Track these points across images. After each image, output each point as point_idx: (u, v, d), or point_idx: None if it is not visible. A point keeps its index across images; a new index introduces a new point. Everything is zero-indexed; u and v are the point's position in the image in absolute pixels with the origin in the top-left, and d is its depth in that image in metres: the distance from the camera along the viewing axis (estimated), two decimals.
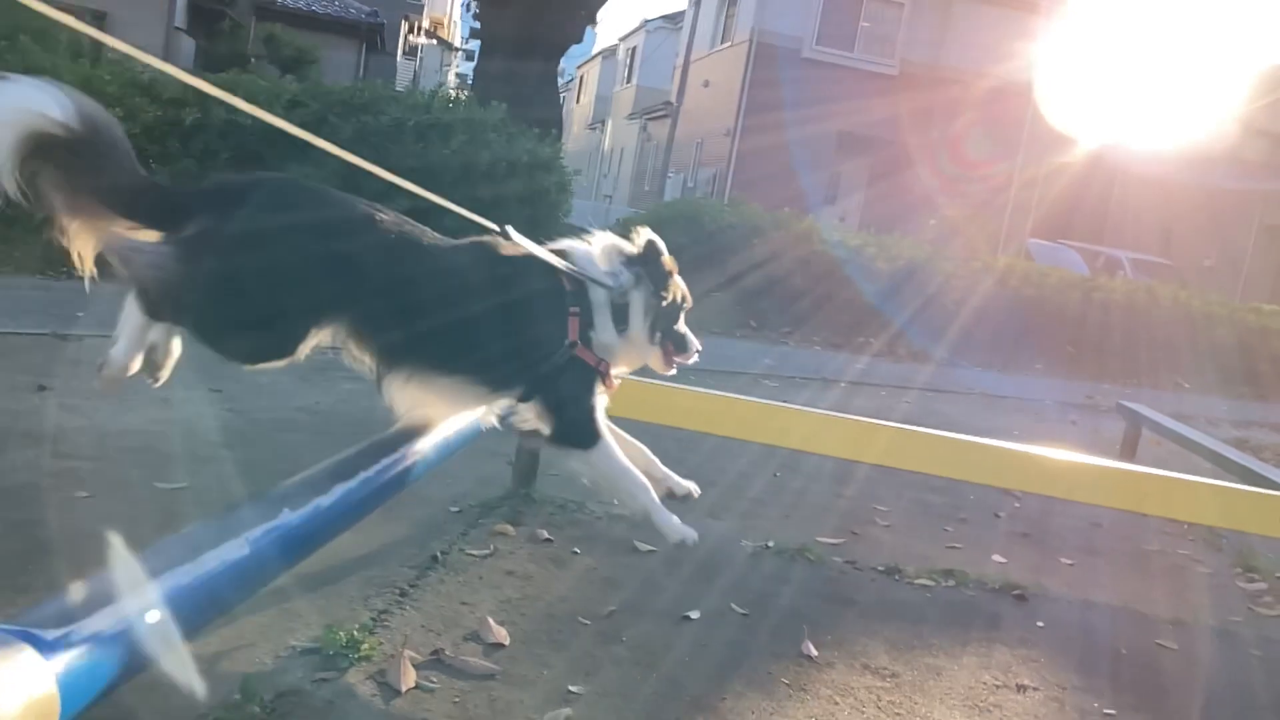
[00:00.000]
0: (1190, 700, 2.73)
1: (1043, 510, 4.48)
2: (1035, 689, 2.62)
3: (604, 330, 2.19)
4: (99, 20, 17.59)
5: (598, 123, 37.94)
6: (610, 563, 3.04)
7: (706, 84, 25.66)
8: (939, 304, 10.72)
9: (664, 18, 31.93)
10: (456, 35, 46.88)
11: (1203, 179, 24.40)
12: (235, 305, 1.91)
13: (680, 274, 2.33)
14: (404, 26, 31.83)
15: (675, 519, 2.21)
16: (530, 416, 2.20)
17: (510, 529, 3.13)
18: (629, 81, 33.84)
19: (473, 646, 2.34)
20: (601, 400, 2.22)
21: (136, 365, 1.94)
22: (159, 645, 1.22)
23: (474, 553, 2.91)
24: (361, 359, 2.04)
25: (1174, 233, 25.96)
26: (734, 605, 2.84)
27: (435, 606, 2.51)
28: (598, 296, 2.19)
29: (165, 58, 18.25)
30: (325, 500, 1.77)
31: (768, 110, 22.45)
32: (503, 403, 2.21)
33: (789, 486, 4.35)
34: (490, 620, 2.44)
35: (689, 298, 2.36)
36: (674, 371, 2.36)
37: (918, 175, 22.52)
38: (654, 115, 29.47)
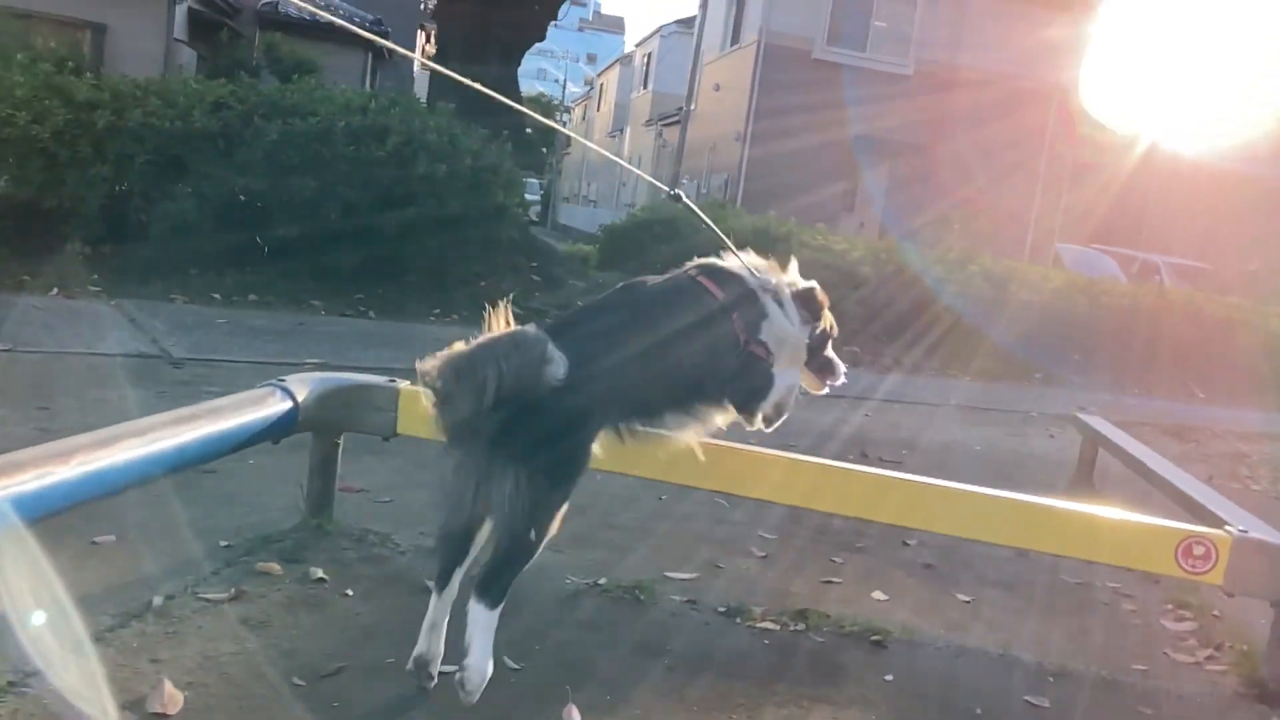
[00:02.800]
0: None
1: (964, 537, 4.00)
2: None
3: (768, 330, 2.52)
4: (100, 33, 17.66)
5: (617, 130, 37.66)
6: (384, 608, 2.64)
7: (717, 88, 25.25)
8: (929, 310, 10.21)
9: (679, 22, 31.58)
10: None
11: (1246, 180, 23.49)
12: None
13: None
14: (420, 36, 31.77)
15: None
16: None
17: (277, 567, 2.73)
18: (645, 88, 33.51)
19: (127, 717, 1.95)
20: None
21: None
22: None
23: (210, 597, 2.52)
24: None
25: (1216, 236, 24.99)
26: (508, 659, 2.42)
27: (110, 667, 2.12)
28: (769, 303, 2.55)
29: (165, 69, 18.25)
30: None
31: (778, 114, 21.96)
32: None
33: (672, 512, 3.93)
34: (168, 683, 2.05)
35: (836, 329, 2.74)
36: (825, 391, 2.78)
37: (938, 179, 21.87)
38: (669, 121, 29.10)
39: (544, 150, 55.90)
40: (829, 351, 2.71)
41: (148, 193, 6.93)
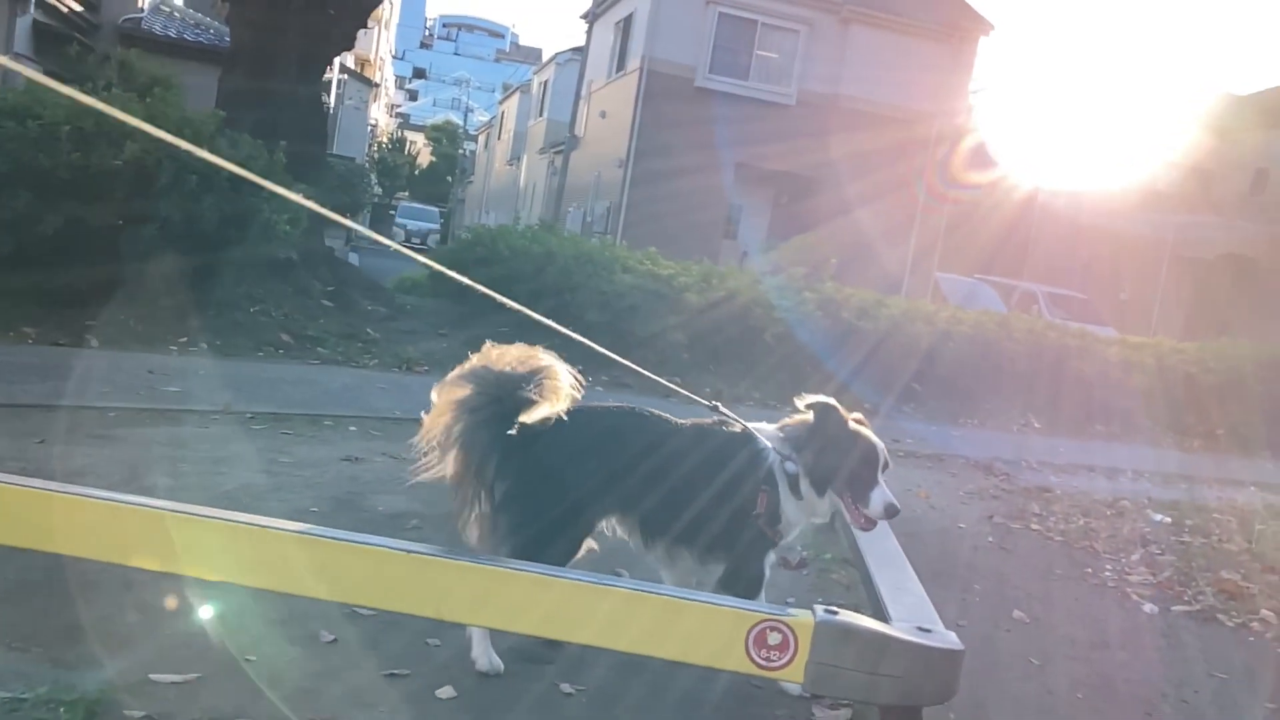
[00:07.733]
0: None
1: None
2: None
3: (786, 501, 2.76)
4: None
5: (515, 158, 37.13)
6: None
7: (603, 115, 24.86)
8: (760, 339, 9.71)
9: (573, 50, 31.22)
10: (381, 73, 46.18)
11: (1118, 212, 23.95)
12: None
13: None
14: None
15: None
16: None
17: None
18: (541, 115, 33.05)
19: None
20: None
21: None
22: None
23: None
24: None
25: (1091, 267, 25.48)
26: None
27: None
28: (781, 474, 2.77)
29: (2, 83, 17.05)
30: None
31: (660, 141, 21.61)
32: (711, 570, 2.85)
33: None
34: None
35: (886, 458, 2.76)
36: (869, 529, 2.80)
37: (819, 208, 21.69)
38: (560, 149, 28.62)
39: (448, 179, 55.14)
40: (876, 480, 2.75)
41: None
